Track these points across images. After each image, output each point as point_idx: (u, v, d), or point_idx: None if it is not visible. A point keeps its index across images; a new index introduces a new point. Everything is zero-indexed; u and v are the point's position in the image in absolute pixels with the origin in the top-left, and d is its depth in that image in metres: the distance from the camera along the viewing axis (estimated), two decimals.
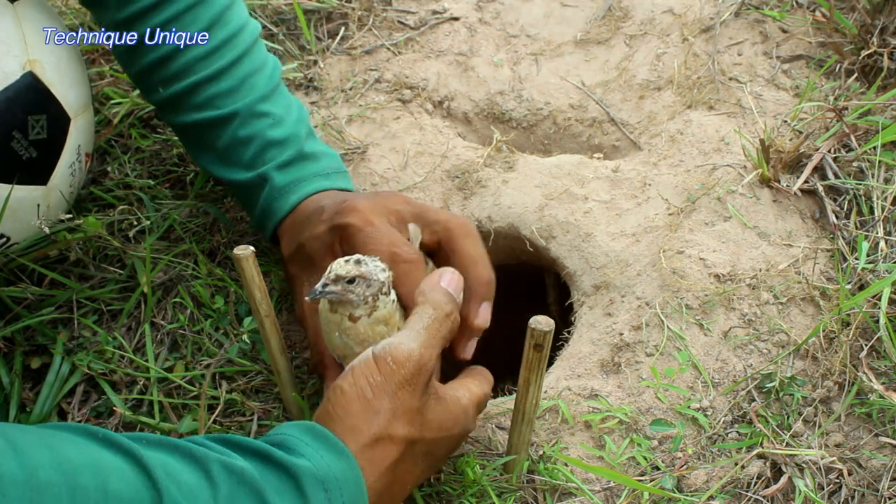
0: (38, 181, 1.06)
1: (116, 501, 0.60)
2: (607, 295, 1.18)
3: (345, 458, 0.75)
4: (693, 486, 0.98)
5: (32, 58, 1.03)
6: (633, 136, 1.40)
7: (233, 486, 0.67)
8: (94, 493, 0.59)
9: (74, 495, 0.58)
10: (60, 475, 0.58)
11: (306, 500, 0.71)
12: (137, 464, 0.64)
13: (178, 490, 0.64)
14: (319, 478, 0.72)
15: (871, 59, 1.37)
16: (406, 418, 0.79)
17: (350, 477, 0.75)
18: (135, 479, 0.63)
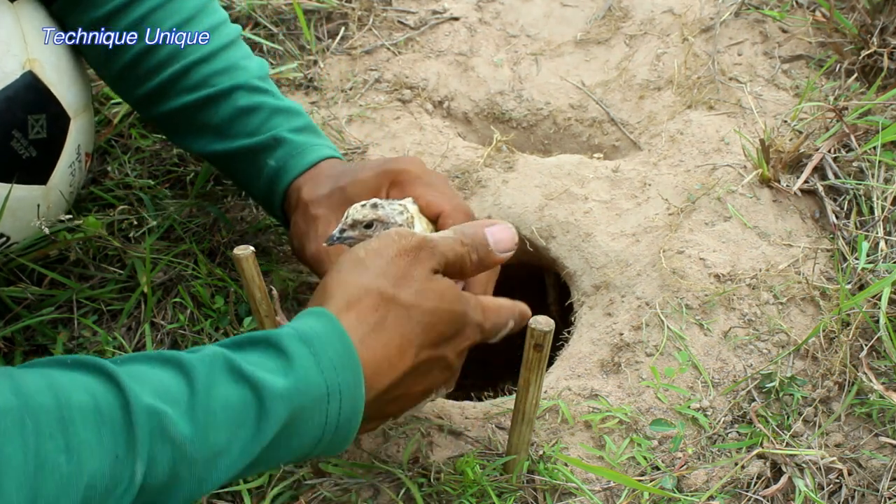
0: (38, 181, 1.06)
1: (75, 410, 0.62)
2: (607, 295, 1.18)
3: (324, 317, 0.73)
4: (693, 486, 0.98)
5: (32, 57, 1.03)
6: (633, 136, 1.40)
7: (209, 373, 0.67)
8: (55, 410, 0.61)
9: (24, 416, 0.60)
10: (16, 400, 0.60)
11: (289, 359, 0.69)
12: (103, 373, 0.65)
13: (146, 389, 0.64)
14: (300, 336, 0.71)
15: (871, 59, 1.37)
16: (399, 280, 0.77)
17: (332, 333, 0.72)
18: (98, 387, 0.64)
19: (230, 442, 0.67)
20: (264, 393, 0.67)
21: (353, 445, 1.02)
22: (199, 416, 0.65)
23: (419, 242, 0.80)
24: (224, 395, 0.67)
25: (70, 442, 0.61)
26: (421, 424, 1.04)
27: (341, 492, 0.97)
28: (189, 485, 0.66)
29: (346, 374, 0.72)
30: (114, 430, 0.63)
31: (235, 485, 0.97)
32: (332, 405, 0.71)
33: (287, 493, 0.97)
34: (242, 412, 0.67)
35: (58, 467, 0.60)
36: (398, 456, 1.01)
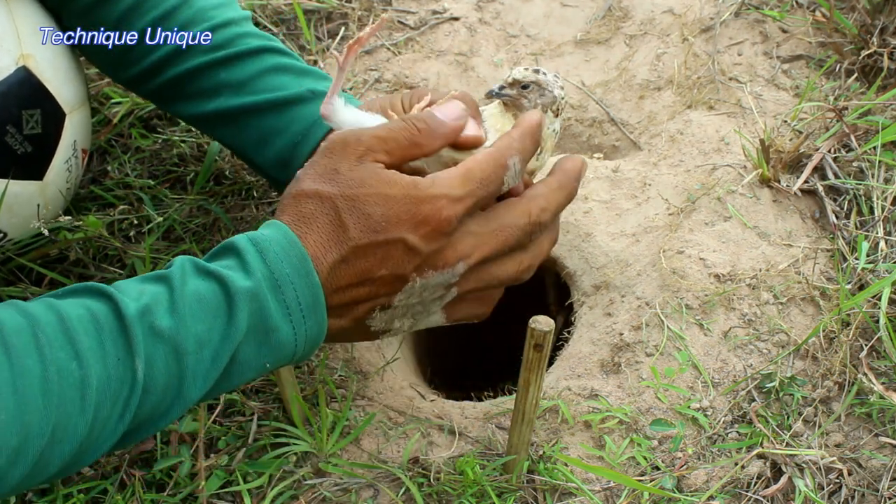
0: (34, 176, 1.06)
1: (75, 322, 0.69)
2: (607, 295, 1.18)
3: (270, 224, 0.80)
4: (693, 486, 0.98)
5: (26, 52, 1.03)
6: (633, 136, 1.40)
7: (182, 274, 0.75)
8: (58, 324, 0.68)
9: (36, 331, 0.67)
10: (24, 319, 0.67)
11: (242, 258, 0.77)
12: (94, 292, 0.73)
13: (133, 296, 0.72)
14: (250, 239, 0.78)
15: (871, 59, 1.37)
16: (321, 178, 0.81)
17: (277, 232, 0.79)
18: (91, 303, 0.71)
19: (210, 331, 0.73)
20: (229, 285, 0.74)
21: (354, 445, 1.02)
22: (179, 310, 0.72)
23: (343, 135, 0.83)
24: (195, 288, 0.74)
25: (77, 349, 0.68)
26: (421, 424, 1.04)
27: (341, 492, 0.97)
28: (187, 379, 0.73)
29: (292, 262, 0.77)
30: (112, 335, 0.70)
31: (235, 485, 0.97)
32: (288, 293, 0.77)
33: (287, 493, 0.97)
34: (214, 302, 0.74)
35: (71, 373, 0.67)
36: (398, 456, 1.01)
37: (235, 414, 1.06)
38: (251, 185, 1.30)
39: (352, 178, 0.80)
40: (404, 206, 0.80)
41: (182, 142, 1.35)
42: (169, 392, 0.73)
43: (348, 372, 1.10)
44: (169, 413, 0.74)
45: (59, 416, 0.66)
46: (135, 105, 1.40)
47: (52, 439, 0.66)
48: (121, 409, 0.70)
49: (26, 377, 0.65)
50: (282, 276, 0.77)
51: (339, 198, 0.80)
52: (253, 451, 1.01)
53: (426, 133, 0.84)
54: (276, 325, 0.76)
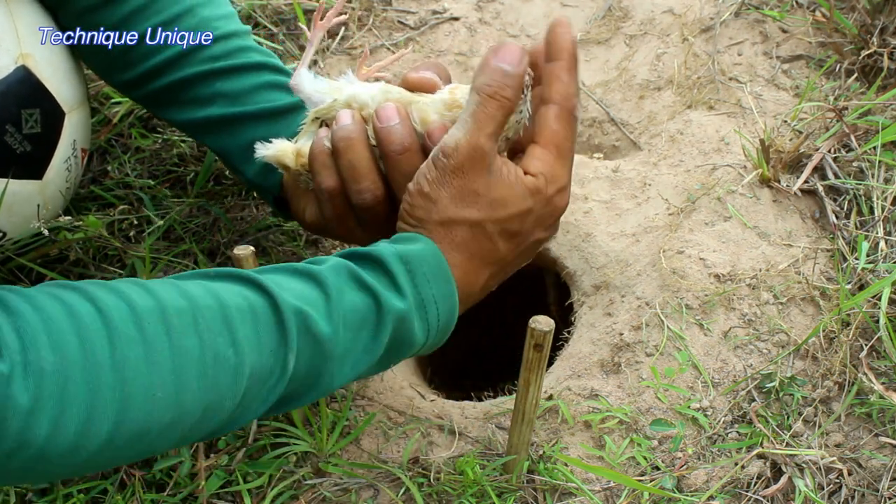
0: (33, 175, 1.06)
1: (234, 311, 0.71)
2: (607, 295, 1.18)
3: (419, 240, 0.83)
4: (693, 486, 0.98)
5: (25, 52, 1.03)
6: (633, 136, 1.40)
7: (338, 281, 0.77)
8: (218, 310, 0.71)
9: (196, 315, 0.69)
10: (186, 302, 0.70)
11: (392, 275, 0.79)
12: (250, 282, 0.75)
13: (290, 294, 0.74)
14: (399, 256, 0.80)
15: (871, 59, 1.37)
16: (465, 201, 0.83)
17: (427, 252, 0.82)
18: (248, 293, 0.74)
19: (356, 342, 0.77)
20: (384, 304, 0.78)
21: (354, 445, 1.02)
22: (334, 318, 0.76)
23: (466, 153, 0.82)
24: (351, 300, 0.77)
25: (235, 337, 0.71)
26: (421, 424, 1.04)
27: (341, 492, 0.97)
28: (324, 378, 0.77)
29: (440, 285, 0.81)
30: (268, 327, 0.73)
31: (235, 485, 0.97)
32: (431, 313, 0.81)
33: (287, 493, 0.97)
34: (365, 317, 0.78)
35: (227, 359, 0.70)
36: (398, 456, 1.01)
37: None
38: None
39: (494, 200, 0.84)
40: (538, 214, 0.87)
41: (182, 142, 1.35)
42: (306, 384, 0.77)
43: None
44: (299, 401, 0.78)
45: (211, 399, 0.70)
46: (135, 105, 1.40)
47: (203, 417, 0.70)
48: (266, 394, 0.74)
49: (185, 358, 0.68)
50: (428, 298, 0.81)
51: (488, 223, 0.84)
52: (253, 451, 1.01)
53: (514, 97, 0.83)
54: (414, 341, 0.81)
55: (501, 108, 0.83)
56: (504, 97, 0.83)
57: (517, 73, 0.83)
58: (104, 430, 0.64)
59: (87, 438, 0.64)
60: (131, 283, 0.70)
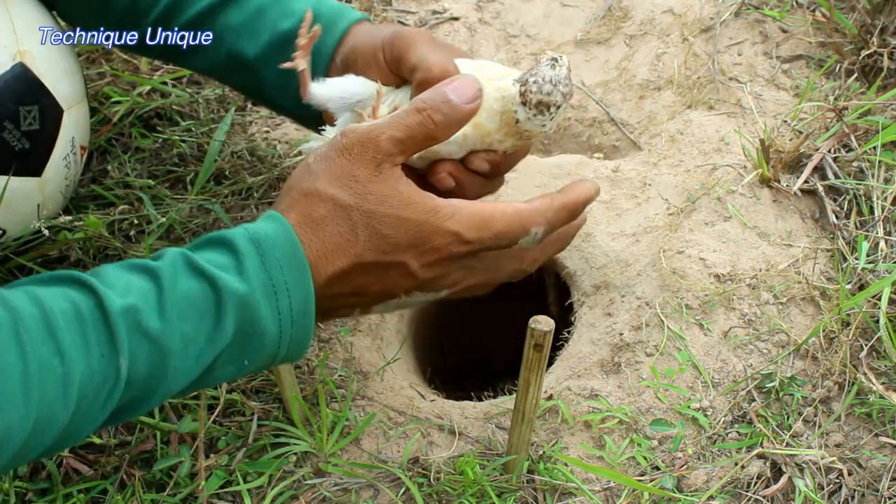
0: (32, 172, 1.07)
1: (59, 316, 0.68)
2: (607, 295, 1.18)
3: (274, 219, 0.78)
4: (693, 486, 0.98)
5: (23, 48, 1.03)
6: (633, 136, 1.40)
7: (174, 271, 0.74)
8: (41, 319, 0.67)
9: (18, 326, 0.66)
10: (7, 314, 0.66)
11: (240, 257, 0.75)
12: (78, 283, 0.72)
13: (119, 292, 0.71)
14: (250, 237, 0.76)
15: (871, 59, 1.37)
16: (339, 181, 0.79)
17: (280, 232, 0.77)
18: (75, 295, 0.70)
19: (196, 332, 0.73)
20: (221, 288, 0.73)
21: (354, 445, 1.02)
22: (167, 310, 0.72)
23: (360, 137, 0.80)
24: (186, 288, 0.73)
25: (60, 345, 0.67)
26: (421, 424, 1.04)
27: (341, 492, 0.97)
28: (167, 376, 0.73)
29: (293, 271, 0.76)
30: (97, 331, 0.69)
31: (235, 485, 0.97)
32: (283, 301, 0.76)
33: (287, 493, 0.97)
34: (204, 303, 0.73)
35: (53, 369, 0.67)
36: (398, 456, 1.01)
37: (235, 414, 1.06)
38: (251, 185, 1.30)
39: (371, 192, 0.79)
40: (417, 234, 0.80)
41: (182, 142, 1.36)
42: (150, 385, 0.73)
43: (348, 372, 1.10)
44: (147, 403, 0.74)
45: (40, 410, 0.66)
46: (135, 104, 1.41)
47: (34, 431, 0.67)
48: (102, 401, 0.71)
49: (7, 373, 0.64)
50: (279, 284, 0.76)
51: (356, 210, 0.79)
52: (253, 451, 1.01)
53: (443, 125, 0.82)
54: (264, 329, 0.76)
55: (422, 126, 0.81)
56: (431, 119, 0.81)
57: (457, 107, 0.81)
58: None
59: None
60: None
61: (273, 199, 1.30)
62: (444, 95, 0.82)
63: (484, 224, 0.82)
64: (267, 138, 1.38)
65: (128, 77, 1.43)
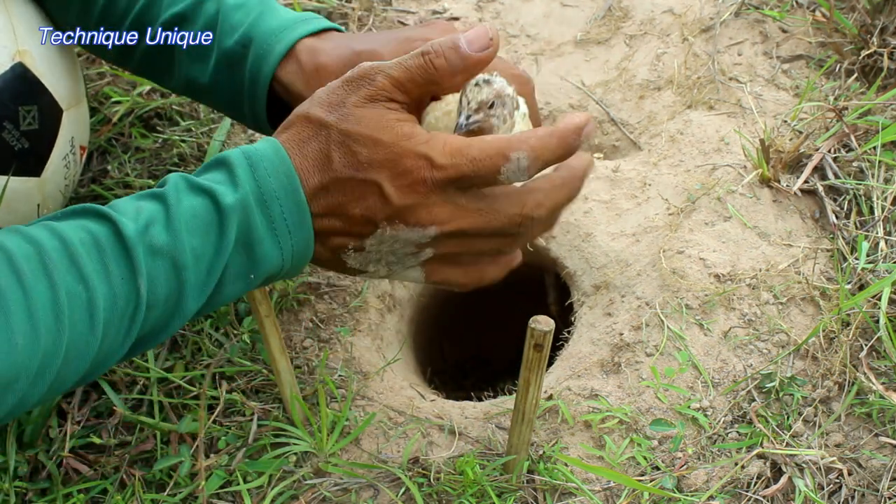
0: (32, 172, 1.07)
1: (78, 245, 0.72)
2: (607, 295, 1.18)
3: (266, 140, 0.82)
4: (693, 486, 0.98)
5: (22, 48, 1.03)
6: (633, 136, 1.40)
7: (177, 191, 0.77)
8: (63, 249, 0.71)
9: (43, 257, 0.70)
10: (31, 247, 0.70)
11: (233, 172, 0.79)
12: (91, 213, 0.75)
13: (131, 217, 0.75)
14: (242, 153, 0.80)
15: (871, 59, 1.37)
16: (329, 107, 0.82)
17: (269, 148, 0.80)
18: (91, 225, 0.74)
19: (204, 244, 0.76)
20: (219, 199, 0.77)
21: (354, 445, 1.02)
22: (175, 226, 0.75)
23: (363, 71, 0.82)
24: (189, 204, 0.77)
25: (82, 273, 0.71)
26: (421, 424, 1.04)
27: (341, 492, 0.97)
28: (185, 292, 0.76)
29: (279, 179, 0.79)
30: (115, 256, 0.73)
31: (235, 485, 0.97)
32: (274, 209, 0.79)
33: (287, 493, 0.97)
34: (206, 217, 0.77)
35: (79, 295, 0.70)
36: (398, 456, 1.01)
37: (235, 414, 1.06)
38: None
39: (352, 115, 0.81)
40: (389, 154, 0.80)
41: (182, 142, 1.36)
42: (169, 305, 0.76)
43: (348, 372, 1.10)
44: (169, 326, 0.78)
45: (71, 337, 0.70)
46: (135, 104, 1.41)
47: (67, 358, 0.70)
48: (127, 325, 0.74)
49: (39, 301, 0.68)
50: (268, 192, 0.79)
51: (334, 129, 0.81)
52: (253, 451, 1.01)
53: (444, 70, 0.81)
54: (261, 237, 0.79)
55: (422, 70, 0.81)
56: (432, 64, 0.81)
57: (464, 53, 0.81)
58: None
59: None
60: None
61: None
62: (453, 41, 0.81)
63: (458, 150, 0.80)
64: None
65: (128, 77, 1.43)
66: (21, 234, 0.72)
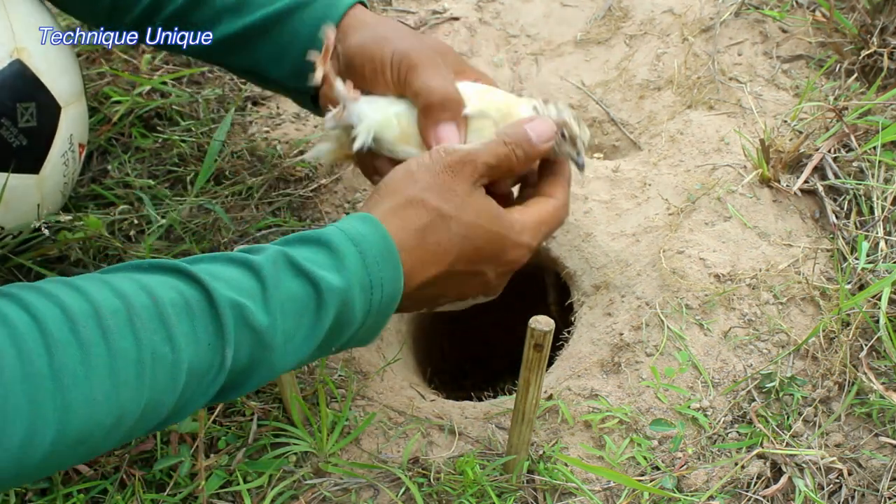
0: (30, 170, 1.07)
1: (169, 306, 0.71)
2: (607, 295, 1.18)
3: (369, 222, 0.83)
4: (693, 486, 0.98)
5: (20, 45, 1.04)
6: (633, 136, 1.40)
7: (276, 270, 0.76)
8: (153, 307, 0.70)
9: (132, 314, 0.69)
10: (120, 301, 0.69)
11: (340, 256, 0.79)
12: (184, 274, 0.74)
13: (225, 285, 0.74)
14: (349, 237, 0.80)
15: (871, 59, 1.37)
16: (442, 194, 0.85)
17: (376, 234, 0.82)
18: (182, 286, 0.73)
19: (296, 330, 0.77)
20: (322, 287, 0.77)
21: (354, 445, 1.02)
22: (271, 307, 0.75)
23: (462, 157, 0.87)
24: (289, 288, 0.76)
25: (171, 334, 0.70)
26: (421, 424, 1.04)
27: (341, 492, 0.97)
28: (264, 368, 0.76)
29: (388, 269, 0.81)
30: (205, 321, 0.72)
31: (235, 485, 0.97)
32: (375, 296, 0.81)
33: (287, 493, 0.97)
34: (305, 303, 0.77)
35: (164, 357, 0.70)
36: (398, 456, 1.01)
37: (235, 414, 1.06)
38: (251, 185, 1.30)
39: (469, 205, 0.86)
40: (501, 246, 0.88)
41: (182, 142, 1.36)
42: (245, 374, 0.77)
43: (348, 372, 1.10)
44: (241, 390, 0.78)
45: (151, 396, 0.70)
46: (135, 104, 1.40)
47: (143, 414, 0.70)
48: (206, 387, 0.74)
49: (122, 359, 0.68)
50: (375, 280, 0.81)
51: (454, 221, 0.85)
52: (253, 451, 1.01)
53: (522, 160, 0.91)
54: (354, 320, 0.81)
55: (507, 159, 0.90)
56: (514, 154, 0.90)
57: (535, 145, 0.91)
58: (48, 440, 0.64)
59: (31, 448, 0.63)
60: (61, 285, 0.69)
61: (273, 198, 1.30)
62: (525, 134, 0.91)
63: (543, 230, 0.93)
64: (267, 138, 1.38)
65: (128, 77, 1.43)
66: (109, 287, 0.70)
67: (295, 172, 1.33)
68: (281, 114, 1.42)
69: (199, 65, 1.48)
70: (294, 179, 1.32)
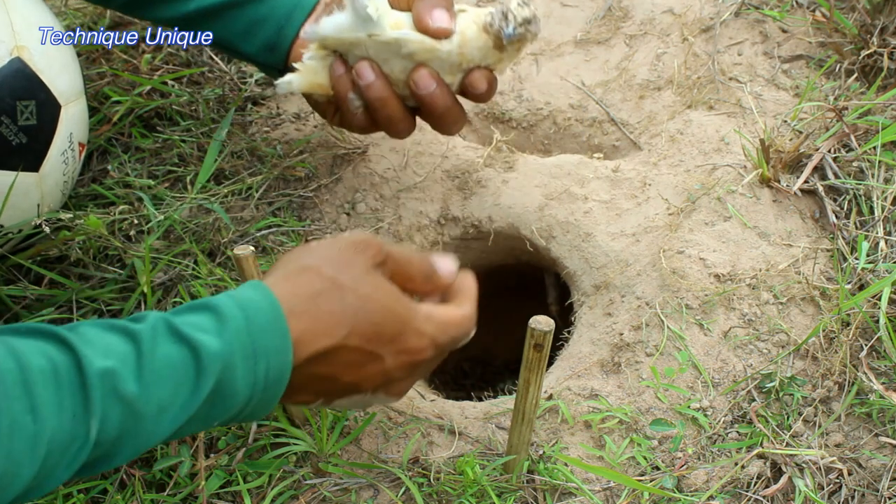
0: (30, 168, 1.07)
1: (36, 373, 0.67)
2: (607, 295, 1.18)
3: (258, 288, 0.78)
4: (693, 486, 0.98)
5: (20, 44, 1.04)
6: (633, 136, 1.40)
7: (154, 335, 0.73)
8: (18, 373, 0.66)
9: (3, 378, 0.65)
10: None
11: (223, 320, 0.74)
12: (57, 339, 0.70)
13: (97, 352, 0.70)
14: (237, 302, 0.76)
15: (871, 59, 1.37)
16: (340, 266, 0.81)
17: (264, 301, 0.77)
18: (54, 352, 0.69)
19: (173, 398, 0.72)
20: (201, 352, 0.72)
21: (354, 445, 1.02)
22: (145, 375, 0.71)
23: (368, 238, 0.84)
24: (166, 354, 0.72)
25: (34, 403, 0.66)
26: (421, 424, 1.04)
27: (341, 492, 0.97)
28: (136, 439, 0.72)
29: (275, 337, 0.76)
30: (71, 390, 0.68)
31: (235, 485, 0.97)
32: (260, 366, 0.75)
33: (287, 493, 0.97)
34: (182, 370, 0.72)
35: (25, 426, 0.66)
36: (398, 456, 1.01)
37: None
38: (251, 185, 1.30)
39: (367, 281, 0.81)
40: (400, 329, 0.82)
41: (182, 142, 1.36)
42: (116, 446, 0.73)
43: None
44: (111, 462, 0.74)
45: (6, 466, 0.66)
46: (135, 104, 1.40)
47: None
48: (68, 461, 0.70)
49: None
50: (260, 349, 0.75)
51: (351, 293, 0.79)
52: (253, 451, 1.01)
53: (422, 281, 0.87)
54: (237, 391, 0.75)
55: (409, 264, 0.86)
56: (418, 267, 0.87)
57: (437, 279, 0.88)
58: None
59: None
60: None
61: (273, 198, 1.30)
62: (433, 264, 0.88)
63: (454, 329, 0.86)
64: (267, 138, 1.38)
65: (128, 77, 1.43)
66: None
67: (295, 172, 1.33)
68: (281, 114, 1.42)
69: (199, 65, 1.48)
70: (294, 179, 1.32)
